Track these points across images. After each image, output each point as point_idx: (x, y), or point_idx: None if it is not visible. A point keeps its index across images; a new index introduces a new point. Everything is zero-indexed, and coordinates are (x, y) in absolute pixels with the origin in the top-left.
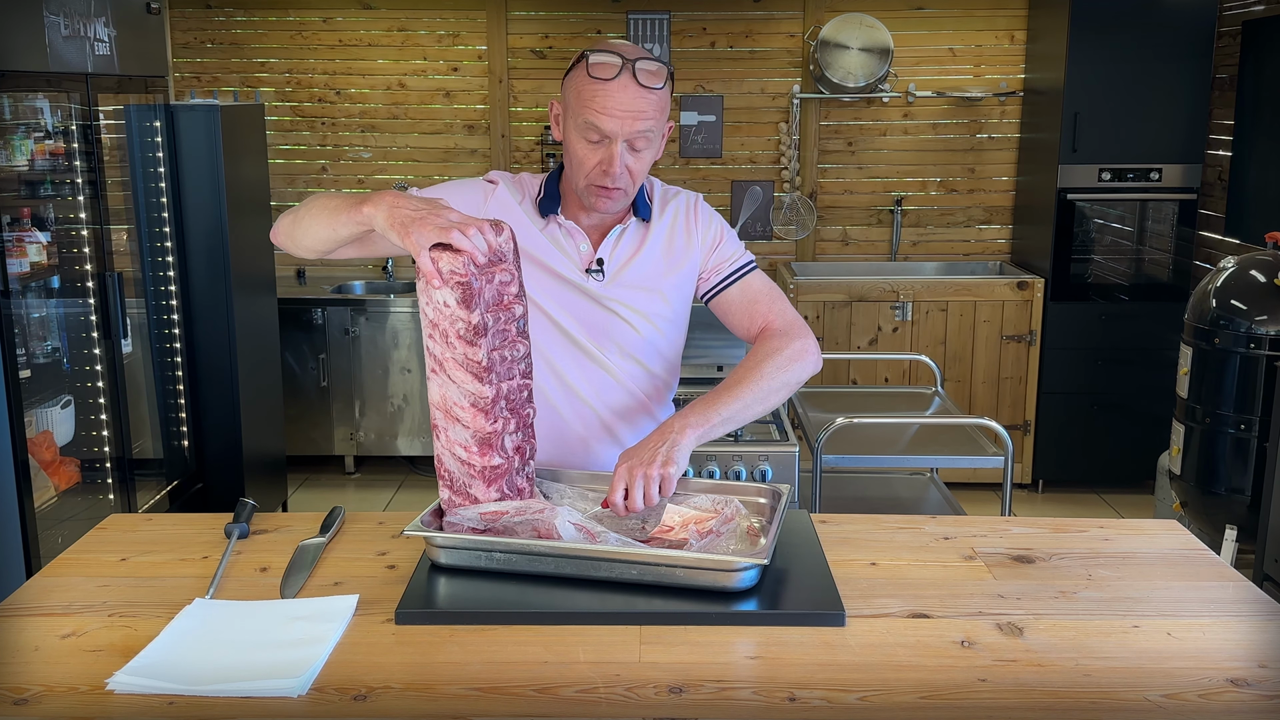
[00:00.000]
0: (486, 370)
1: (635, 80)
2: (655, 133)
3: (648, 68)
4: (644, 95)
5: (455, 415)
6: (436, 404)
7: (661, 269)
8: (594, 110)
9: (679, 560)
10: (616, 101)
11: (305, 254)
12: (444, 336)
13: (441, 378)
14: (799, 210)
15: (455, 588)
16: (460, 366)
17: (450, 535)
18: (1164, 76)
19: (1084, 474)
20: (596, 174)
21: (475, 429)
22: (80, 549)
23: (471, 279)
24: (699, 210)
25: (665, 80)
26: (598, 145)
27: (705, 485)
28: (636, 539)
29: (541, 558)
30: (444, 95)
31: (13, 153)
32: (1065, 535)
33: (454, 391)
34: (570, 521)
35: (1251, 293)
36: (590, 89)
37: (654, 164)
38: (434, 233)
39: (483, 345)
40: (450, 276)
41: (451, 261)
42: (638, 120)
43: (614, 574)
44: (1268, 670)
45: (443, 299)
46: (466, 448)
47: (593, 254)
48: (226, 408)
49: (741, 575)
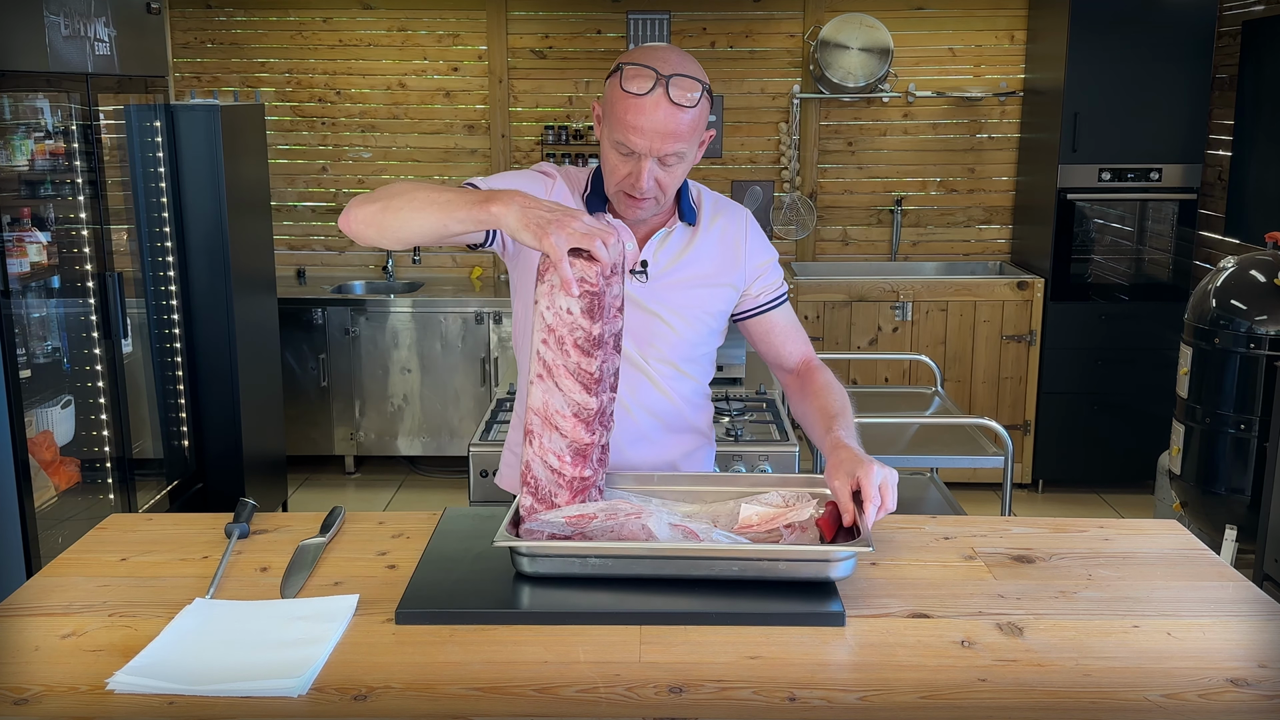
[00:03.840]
0: (597, 382)
1: (668, 98)
2: (688, 149)
3: (683, 85)
4: (676, 114)
5: (555, 423)
6: (536, 410)
7: (706, 274)
8: (626, 125)
9: (781, 554)
10: (648, 119)
11: (392, 244)
12: (559, 343)
13: (548, 384)
14: (799, 210)
15: (458, 587)
16: (571, 375)
17: (540, 544)
18: (1164, 76)
19: (1084, 474)
20: (626, 183)
21: (573, 439)
22: (80, 549)
23: (603, 290)
24: (752, 230)
25: (700, 97)
26: (628, 158)
27: (773, 480)
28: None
29: (639, 560)
30: (444, 95)
31: (13, 153)
32: (1065, 535)
33: (558, 400)
34: (668, 523)
35: (1251, 293)
36: (624, 103)
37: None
38: (574, 238)
39: (598, 357)
40: (581, 284)
41: (584, 269)
42: (667, 140)
43: (715, 572)
44: (1268, 670)
45: (566, 305)
46: (560, 457)
47: (638, 254)
48: (226, 408)
49: (840, 565)
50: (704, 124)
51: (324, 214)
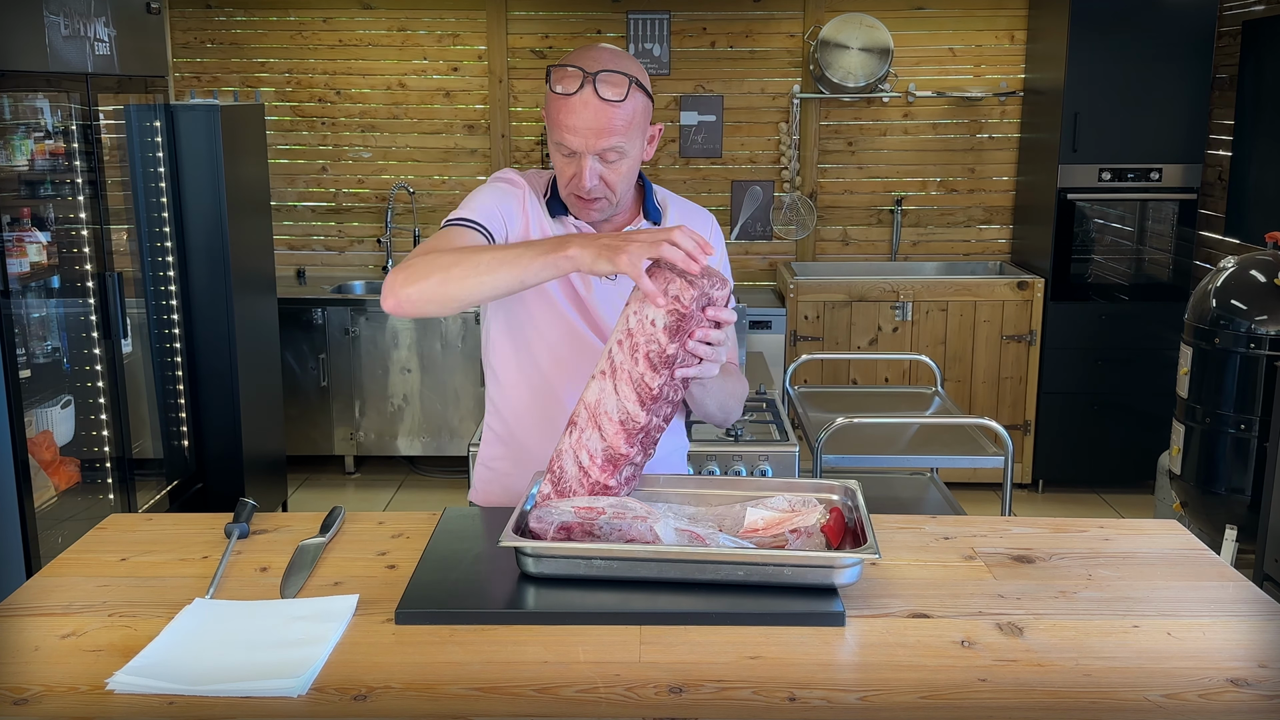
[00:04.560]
0: (653, 399)
1: (597, 95)
2: (628, 144)
3: (610, 80)
4: (606, 110)
5: (600, 423)
6: (589, 404)
7: None
8: (560, 126)
9: (787, 559)
10: (579, 118)
11: (454, 311)
12: (633, 349)
13: (608, 383)
14: (799, 210)
15: (458, 587)
16: (631, 383)
17: (545, 545)
18: (1164, 76)
19: (1084, 474)
20: (574, 185)
21: (610, 444)
22: (80, 549)
23: (692, 313)
24: (716, 237)
25: (629, 91)
26: (570, 159)
27: (779, 485)
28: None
29: (644, 563)
30: (444, 95)
31: (13, 153)
32: (1065, 535)
33: (611, 402)
34: (674, 527)
35: (1251, 293)
36: (555, 104)
37: (647, 164)
38: (645, 249)
39: (662, 375)
40: (672, 301)
41: (682, 289)
42: (602, 136)
43: (720, 576)
44: (1268, 670)
45: (652, 317)
46: (593, 457)
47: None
48: (226, 408)
49: (846, 571)
50: (643, 119)
51: (324, 214)
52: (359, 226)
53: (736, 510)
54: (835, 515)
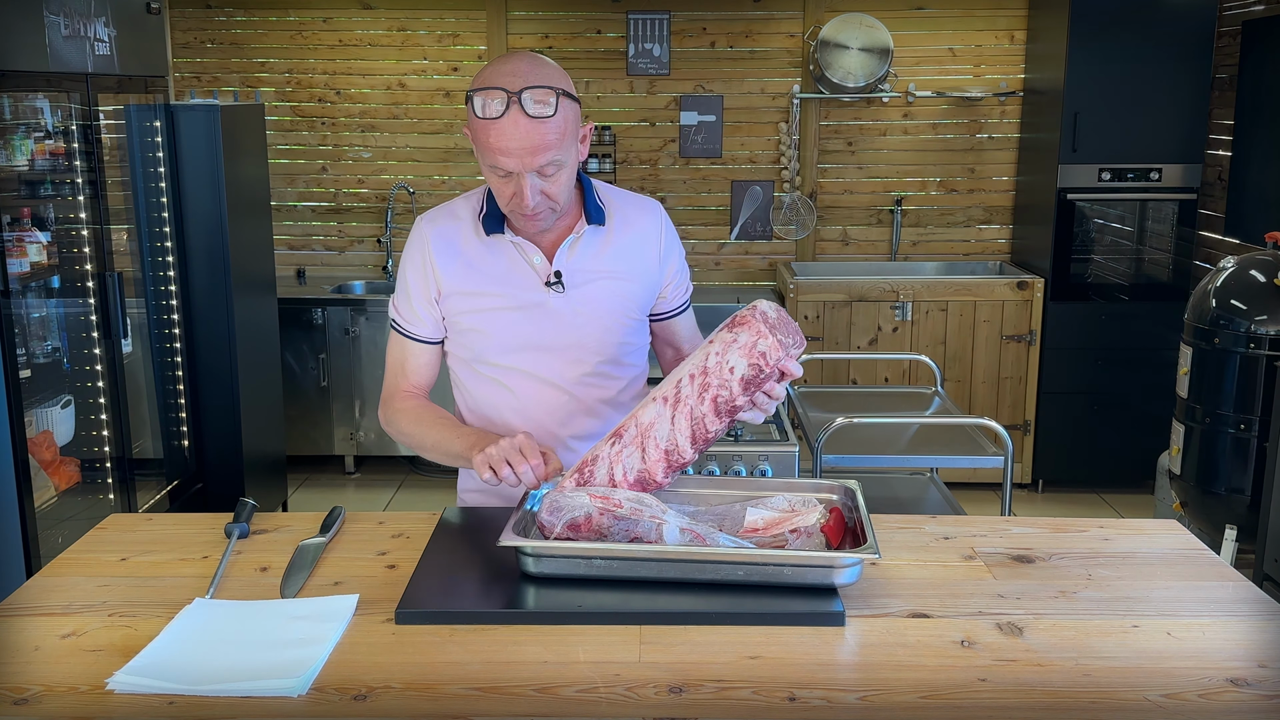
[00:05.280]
0: (705, 441)
1: (525, 114)
2: (562, 155)
3: (536, 96)
4: (537, 127)
5: (645, 446)
6: (640, 424)
7: (625, 270)
8: (492, 150)
9: (787, 559)
10: (510, 140)
11: None
12: (703, 388)
13: (666, 411)
14: (799, 210)
15: (458, 587)
16: (690, 420)
17: (545, 544)
18: (1164, 76)
19: (1084, 474)
20: (514, 204)
21: (649, 469)
22: (80, 549)
23: (770, 375)
24: (667, 228)
25: (556, 103)
26: (506, 179)
27: (779, 485)
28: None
29: (644, 563)
30: (444, 95)
31: (13, 153)
32: (1065, 535)
33: (665, 430)
34: (679, 527)
35: (1251, 293)
36: (483, 130)
37: (642, 164)
38: (489, 459)
39: (724, 422)
40: (759, 357)
41: (771, 348)
42: (537, 154)
43: (720, 576)
44: (1268, 670)
45: (731, 363)
46: (626, 474)
47: (549, 266)
48: (226, 408)
49: (846, 571)
50: (574, 127)
51: (324, 214)
52: (359, 226)
53: (736, 510)
54: (835, 515)
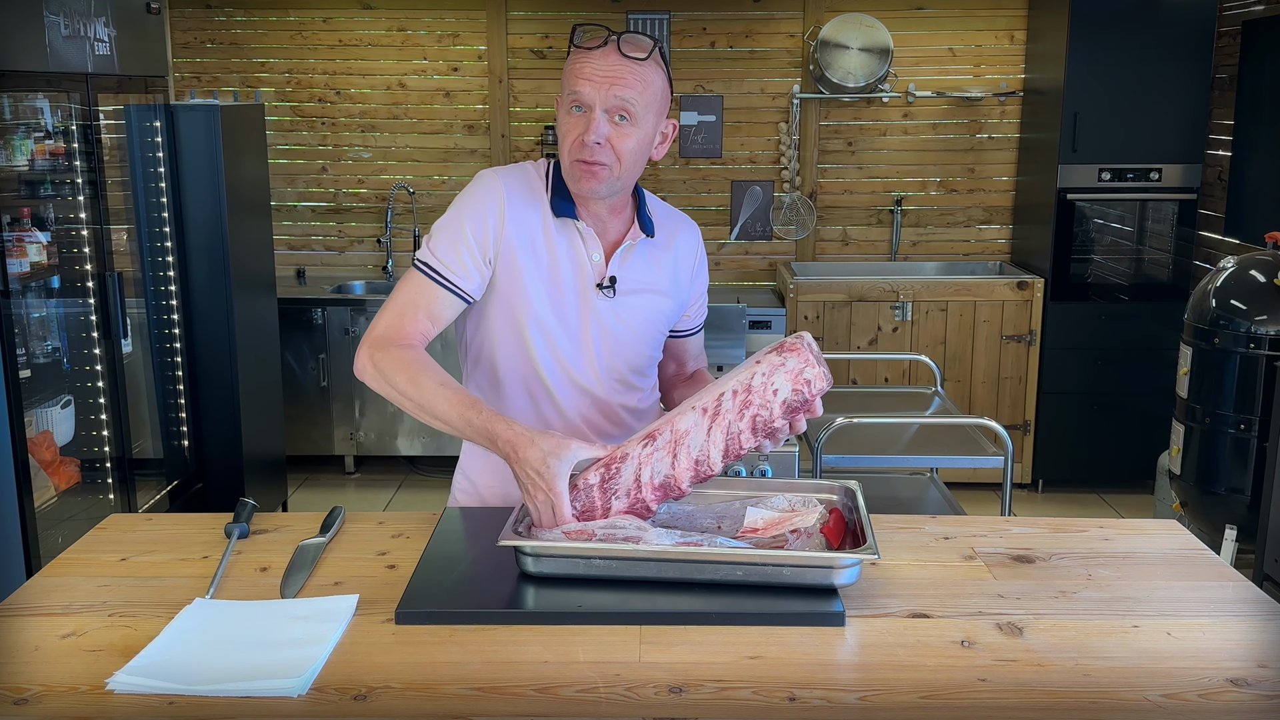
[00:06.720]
0: (735, 457)
1: (618, 49)
2: (639, 106)
3: (633, 40)
4: (624, 63)
5: (676, 452)
6: (676, 430)
7: (663, 288)
8: (576, 76)
9: (787, 559)
10: (595, 68)
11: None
12: (744, 405)
13: (704, 422)
14: (799, 210)
15: (458, 587)
16: (724, 435)
17: (545, 544)
18: (1164, 76)
19: (1084, 474)
20: (577, 147)
21: (675, 476)
22: (80, 549)
23: (811, 402)
24: (701, 249)
25: (650, 52)
26: (579, 116)
27: (779, 485)
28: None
29: (644, 563)
30: (444, 95)
31: (13, 153)
32: (1065, 535)
33: (699, 440)
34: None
35: (1251, 293)
36: (575, 60)
37: (650, 163)
38: (547, 512)
39: (758, 440)
40: (804, 384)
41: (816, 378)
42: (615, 85)
43: (719, 576)
44: (1268, 670)
45: (776, 386)
46: (653, 478)
47: (605, 269)
48: (226, 408)
49: (846, 571)
50: (658, 91)
51: (324, 214)
52: (359, 226)
53: (736, 510)
54: (835, 515)
